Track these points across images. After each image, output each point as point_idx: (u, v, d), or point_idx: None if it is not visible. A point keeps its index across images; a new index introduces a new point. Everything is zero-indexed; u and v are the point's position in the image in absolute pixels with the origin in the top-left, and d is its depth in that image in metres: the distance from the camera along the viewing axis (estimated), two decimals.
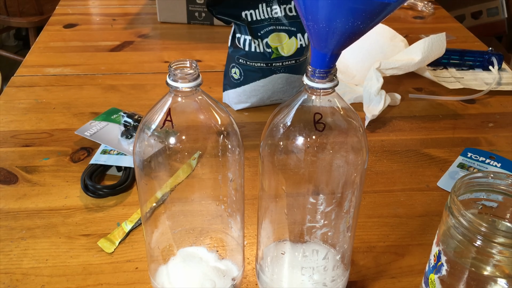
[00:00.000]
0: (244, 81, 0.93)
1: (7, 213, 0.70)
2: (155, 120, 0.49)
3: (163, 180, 0.58)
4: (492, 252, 0.46)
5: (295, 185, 0.52)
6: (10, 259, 0.63)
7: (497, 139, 0.89)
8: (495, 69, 1.09)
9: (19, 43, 3.14)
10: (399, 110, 0.98)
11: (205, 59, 1.16)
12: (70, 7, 1.44)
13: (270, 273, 0.56)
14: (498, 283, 0.47)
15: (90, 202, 0.73)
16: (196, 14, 1.31)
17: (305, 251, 0.55)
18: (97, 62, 1.13)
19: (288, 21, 0.90)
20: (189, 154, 0.52)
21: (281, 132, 0.49)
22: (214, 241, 0.61)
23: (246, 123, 0.92)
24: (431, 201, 0.74)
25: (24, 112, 0.94)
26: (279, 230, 0.56)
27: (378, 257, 0.65)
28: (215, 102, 0.51)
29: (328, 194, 0.51)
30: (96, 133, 0.83)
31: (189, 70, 0.47)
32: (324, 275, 0.54)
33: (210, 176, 0.58)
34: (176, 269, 0.58)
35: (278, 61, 0.91)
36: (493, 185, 0.50)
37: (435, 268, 0.51)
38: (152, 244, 0.58)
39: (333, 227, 0.53)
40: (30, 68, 1.09)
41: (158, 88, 1.03)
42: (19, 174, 0.77)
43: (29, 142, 0.85)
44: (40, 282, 0.60)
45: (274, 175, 0.52)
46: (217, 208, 0.60)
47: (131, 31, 1.29)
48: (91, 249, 0.65)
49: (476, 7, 2.20)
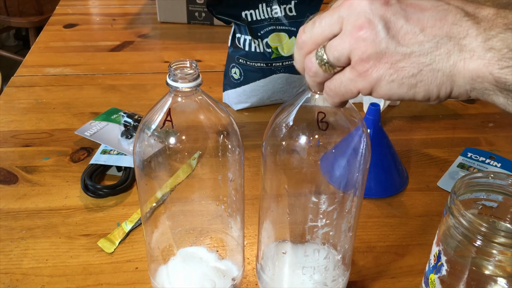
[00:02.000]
0: (244, 81, 0.93)
1: (7, 213, 0.70)
2: (155, 120, 0.49)
3: (163, 180, 0.58)
4: (492, 252, 0.46)
5: (297, 185, 0.52)
6: (10, 259, 0.63)
7: (497, 139, 0.89)
8: None
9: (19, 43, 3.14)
10: (399, 110, 0.98)
11: (205, 59, 1.16)
12: (70, 7, 1.44)
13: (270, 273, 0.56)
14: (498, 283, 0.47)
15: (90, 202, 0.73)
16: (196, 14, 1.31)
17: (306, 250, 0.55)
18: (97, 62, 1.13)
19: (288, 21, 0.90)
20: (189, 154, 0.52)
21: (284, 131, 0.49)
22: (214, 241, 0.61)
23: (246, 123, 0.92)
24: (431, 201, 0.74)
25: (24, 112, 0.94)
26: (280, 230, 0.56)
27: (378, 257, 0.65)
28: (215, 102, 0.51)
29: (330, 193, 0.51)
30: (96, 133, 0.83)
31: (189, 70, 0.47)
32: (325, 275, 0.54)
33: (210, 176, 0.58)
34: (176, 269, 0.58)
35: (278, 61, 0.91)
36: (493, 185, 0.50)
37: (435, 268, 0.51)
38: (152, 244, 0.58)
39: (334, 227, 0.53)
40: (30, 68, 1.09)
41: (158, 88, 1.03)
42: (19, 174, 0.77)
43: (29, 142, 0.85)
44: (40, 282, 0.60)
45: (277, 174, 0.52)
46: (217, 208, 0.60)
47: (131, 31, 1.29)
48: (91, 249, 0.65)
49: None
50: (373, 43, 0.35)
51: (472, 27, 0.34)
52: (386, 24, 0.35)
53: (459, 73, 0.35)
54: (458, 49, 0.34)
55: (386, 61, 0.35)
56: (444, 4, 0.35)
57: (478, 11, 0.35)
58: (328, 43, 0.38)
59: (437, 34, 0.34)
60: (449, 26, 0.34)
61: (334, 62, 0.38)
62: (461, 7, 0.35)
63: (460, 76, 0.35)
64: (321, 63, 0.38)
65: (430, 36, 0.34)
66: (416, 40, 0.35)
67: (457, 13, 0.34)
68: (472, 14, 0.34)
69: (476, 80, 0.35)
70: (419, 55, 0.35)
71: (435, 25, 0.34)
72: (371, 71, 0.36)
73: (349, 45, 0.36)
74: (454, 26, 0.34)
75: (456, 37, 0.34)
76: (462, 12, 0.34)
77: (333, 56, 0.37)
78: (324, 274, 0.54)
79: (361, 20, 0.35)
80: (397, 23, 0.35)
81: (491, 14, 0.34)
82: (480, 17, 0.34)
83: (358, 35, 0.35)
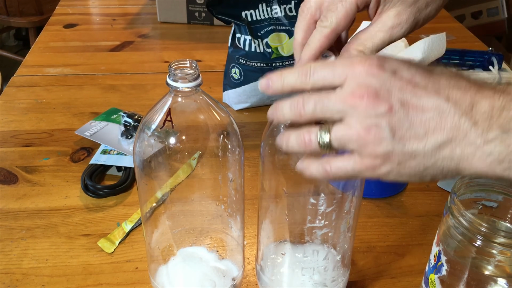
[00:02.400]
0: (244, 81, 0.93)
1: (7, 213, 0.70)
2: (155, 120, 0.49)
3: (163, 180, 0.58)
4: (492, 252, 0.46)
5: (296, 185, 0.52)
6: (10, 259, 0.63)
7: None
8: (495, 69, 1.09)
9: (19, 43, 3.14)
10: None
11: (205, 59, 1.16)
12: (70, 7, 1.44)
13: (270, 274, 0.56)
14: (498, 283, 0.47)
15: (90, 202, 0.73)
16: (196, 14, 1.31)
17: (305, 251, 0.55)
18: (97, 62, 1.13)
19: (288, 21, 0.90)
20: (189, 154, 0.52)
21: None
22: (214, 241, 0.61)
23: (246, 123, 0.92)
24: (431, 201, 0.74)
25: (24, 112, 0.93)
26: (279, 231, 0.56)
27: (378, 257, 0.65)
28: (215, 102, 0.51)
29: (328, 194, 0.51)
30: (96, 133, 0.83)
31: (189, 70, 0.47)
32: (324, 276, 0.54)
33: (210, 176, 0.58)
34: (176, 269, 0.58)
35: (278, 61, 0.91)
36: (493, 185, 0.50)
37: (435, 268, 0.51)
38: (152, 244, 0.58)
39: (333, 228, 0.53)
40: (30, 68, 1.09)
41: (158, 88, 1.03)
42: (19, 174, 0.77)
43: (29, 142, 0.85)
44: (40, 282, 0.60)
45: (275, 175, 0.52)
46: (217, 208, 0.60)
47: (131, 31, 1.29)
48: (91, 249, 0.65)
49: (476, 7, 2.20)
50: (381, 145, 0.37)
51: (470, 130, 0.35)
52: (392, 130, 0.36)
53: (464, 169, 0.37)
54: (459, 151, 0.36)
55: (394, 160, 0.37)
56: (443, 102, 0.36)
57: (475, 111, 0.36)
58: (333, 132, 0.38)
59: (438, 137, 0.36)
60: (448, 129, 0.36)
61: (337, 148, 0.39)
62: (460, 103, 0.36)
63: (466, 172, 0.37)
64: (323, 146, 0.39)
65: (432, 140, 0.36)
66: (420, 143, 0.36)
67: (455, 113, 0.36)
68: (469, 113, 0.36)
69: (481, 174, 0.37)
70: (423, 156, 0.37)
71: (436, 127, 0.36)
72: (380, 167, 0.38)
73: (357, 144, 0.37)
74: (453, 129, 0.36)
75: (456, 139, 0.36)
76: (460, 111, 0.36)
77: (338, 144, 0.38)
78: (324, 274, 0.54)
79: (368, 123, 0.36)
80: (402, 128, 0.36)
81: (487, 112, 0.35)
82: (477, 118, 0.35)
83: (366, 138, 0.37)
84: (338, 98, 0.37)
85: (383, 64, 0.37)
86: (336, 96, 0.37)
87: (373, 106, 0.36)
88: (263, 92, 0.41)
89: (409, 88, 0.36)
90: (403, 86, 0.36)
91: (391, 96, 0.36)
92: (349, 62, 0.38)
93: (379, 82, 0.36)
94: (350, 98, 0.37)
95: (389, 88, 0.36)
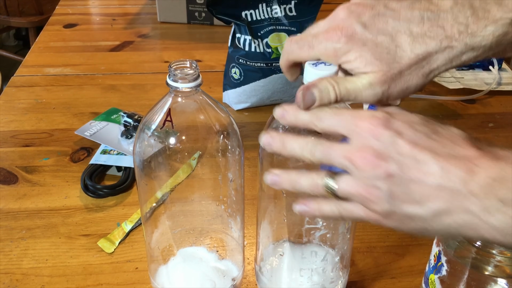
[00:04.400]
0: (244, 81, 0.93)
1: (7, 213, 0.70)
2: (155, 120, 0.49)
3: (163, 180, 0.58)
4: (492, 252, 0.46)
5: None
6: (10, 259, 0.63)
7: (497, 139, 0.89)
8: (495, 69, 1.09)
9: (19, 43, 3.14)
10: None
11: (205, 59, 1.16)
12: (70, 7, 1.44)
13: (269, 274, 0.56)
14: (498, 283, 0.47)
15: (90, 202, 0.73)
16: (196, 14, 1.31)
17: (303, 252, 0.55)
18: (97, 62, 1.13)
19: (288, 21, 0.90)
20: (189, 154, 0.52)
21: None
22: (214, 241, 0.61)
23: (246, 123, 0.92)
24: None
25: (24, 112, 0.94)
26: (278, 231, 0.56)
27: (378, 257, 0.65)
28: (215, 102, 0.51)
29: None
30: (96, 133, 0.83)
31: (189, 70, 0.47)
32: (323, 277, 0.54)
33: (210, 176, 0.58)
34: (176, 269, 0.58)
35: (278, 61, 0.91)
36: None
37: (435, 268, 0.51)
38: (152, 244, 0.58)
39: (332, 229, 0.53)
40: (30, 68, 1.09)
41: (158, 88, 1.03)
42: (19, 174, 0.77)
43: (29, 142, 0.85)
44: (40, 282, 0.60)
45: None
46: (217, 208, 0.60)
47: (131, 31, 1.29)
48: (91, 249, 0.65)
49: None
50: (381, 205, 0.38)
51: (469, 200, 0.35)
52: (391, 193, 0.37)
53: (472, 236, 0.37)
54: (461, 220, 0.36)
55: (395, 218, 0.38)
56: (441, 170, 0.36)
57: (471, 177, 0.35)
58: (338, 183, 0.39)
59: (436, 204, 0.36)
60: (446, 196, 0.36)
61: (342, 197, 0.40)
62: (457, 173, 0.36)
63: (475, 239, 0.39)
64: (328, 192, 0.40)
65: (430, 206, 0.36)
66: (419, 208, 0.37)
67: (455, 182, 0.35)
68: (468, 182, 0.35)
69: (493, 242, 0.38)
70: (423, 221, 0.37)
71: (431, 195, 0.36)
72: (383, 221, 0.39)
73: (360, 201, 0.39)
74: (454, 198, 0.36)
75: (456, 210, 0.36)
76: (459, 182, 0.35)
77: (343, 196, 0.39)
78: (323, 275, 0.54)
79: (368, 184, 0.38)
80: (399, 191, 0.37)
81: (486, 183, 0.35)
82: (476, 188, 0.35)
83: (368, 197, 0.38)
84: (342, 154, 0.38)
85: (388, 124, 0.38)
86: (341, 151, 0.38)
87: (373, 169, 0.37)
88: (277, 119, 0.43)
89: (412, 151, 0.37)
90: (405, 149, 0.37)
91: (391, 160, 0.37)
92: (357, 116, 0.39)
93: (382, 145, 0.37)
94: (353, 157, 0.38)
95: (391, 152, 0.37)
